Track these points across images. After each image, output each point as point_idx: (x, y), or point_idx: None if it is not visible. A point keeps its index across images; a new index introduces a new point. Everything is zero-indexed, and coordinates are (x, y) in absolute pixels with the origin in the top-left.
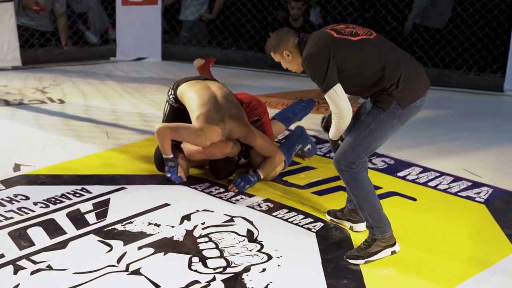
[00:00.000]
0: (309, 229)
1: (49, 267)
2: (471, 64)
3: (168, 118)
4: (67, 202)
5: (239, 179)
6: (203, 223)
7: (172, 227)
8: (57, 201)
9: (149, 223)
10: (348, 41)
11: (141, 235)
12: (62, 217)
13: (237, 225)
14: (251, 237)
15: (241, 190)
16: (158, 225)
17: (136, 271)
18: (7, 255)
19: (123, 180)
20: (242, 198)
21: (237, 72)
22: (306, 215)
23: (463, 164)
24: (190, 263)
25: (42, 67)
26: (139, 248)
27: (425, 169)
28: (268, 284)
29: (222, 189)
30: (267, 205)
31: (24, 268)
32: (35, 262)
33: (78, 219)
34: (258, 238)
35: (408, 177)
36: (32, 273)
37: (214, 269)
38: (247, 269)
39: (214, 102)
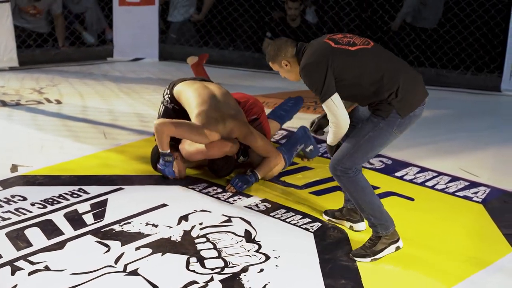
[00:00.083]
0: (307, 229)
1: (47, 268)
2: (469, 64)
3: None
4: (65, 203)
5: (237, 179)
6: (201, 224)
7: (170, 228)
8: (55, 202)
9: (147, 224)
10: (346, 51)
11: (139, 236)
12: (60, 218)
13: (235, 226)
14: (249, 238)
15: (239, 191)
16: (156, 226)
17: (134, 272)
18: (5, 256)
19: (121, 181)
20: (240, 199)
21: (235, 73)
22: (304, 215)
23: (461, 164)
24: (188, 264)
25: (39, 68)
26: (137, 249)
27: (423, 169)
28: (266, 285)
29: (220, 190)
30: (265, 206)
31: (22, 269)
32: (33, 263)
33: (76, 220)
34: (256, 239)
35: (406, 177)
36: (30, 274)
37: (212, 270)
38: (245, 270)
39: (214, 101)
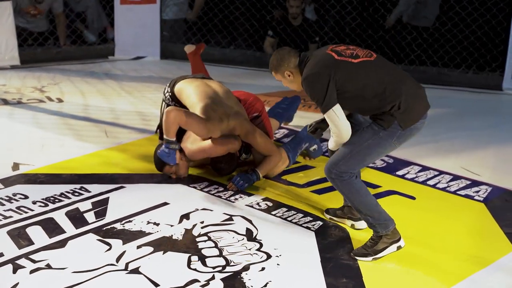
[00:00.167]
0: (308, 228)
1: (48, 266)
2: (470, 63)
3: None
4: (66, 201)
5: (238, 178)
6: (202, 222)
7: (171, 226)
8: (56, 200)
9: (148, 222)
10: (349, 64)
11: (140, 234)
12: (61, 216)
13: (236, 224)
14: (250, 236)
15: (240, 189)
16: (157, 224)
17: (135, 270)
18: (6, 254)
19: (122, 179)
20: (241, 197)
21: (236, 71)
22: (305, 214)
23: (462, 163)
24: (189, 262)
25: (41, 66)
26: (138, 247)
27: (424, 168)
28: (267, 283)
29: (221, 188)
30: (266, 204)
31: (23, 267)
32: (34, 261)
33: (77, 218)
34: (257, 237)
35: (407, 176)
36: (31, 272)
37: (213, 268)
38: (246, 268)
39: (216, 98)
